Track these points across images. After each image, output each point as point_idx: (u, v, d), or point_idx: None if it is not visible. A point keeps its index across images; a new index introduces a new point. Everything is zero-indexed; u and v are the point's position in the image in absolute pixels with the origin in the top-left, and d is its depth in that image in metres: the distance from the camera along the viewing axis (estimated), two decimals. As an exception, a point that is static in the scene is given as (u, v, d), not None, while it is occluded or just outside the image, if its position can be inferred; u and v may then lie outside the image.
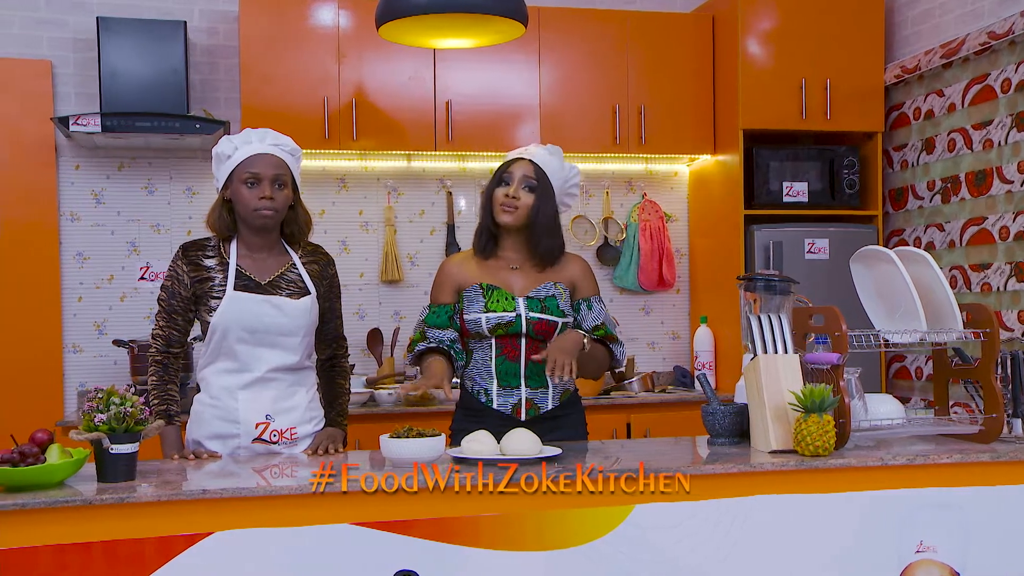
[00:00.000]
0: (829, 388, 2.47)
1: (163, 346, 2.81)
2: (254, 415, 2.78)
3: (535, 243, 2.96)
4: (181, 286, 2.80)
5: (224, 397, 2.79)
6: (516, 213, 2.93)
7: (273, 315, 2.77)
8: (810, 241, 4.68)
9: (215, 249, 2.83)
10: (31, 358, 4.48)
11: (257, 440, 2.80)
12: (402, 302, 4.87)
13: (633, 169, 5.12)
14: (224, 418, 2.78)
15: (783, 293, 2.77)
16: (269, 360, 2.79)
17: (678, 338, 5.18)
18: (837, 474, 2.48)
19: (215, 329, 2.76)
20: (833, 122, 4.73)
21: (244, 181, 2.76)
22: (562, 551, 2.33)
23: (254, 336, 2.77)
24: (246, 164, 2.77)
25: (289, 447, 2.83)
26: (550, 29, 4.69)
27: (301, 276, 2.86)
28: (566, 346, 2.81)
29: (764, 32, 4.69)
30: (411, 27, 3.18)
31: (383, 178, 4.87)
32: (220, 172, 2.82)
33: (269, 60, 4.41)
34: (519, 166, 2.96)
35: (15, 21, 4.52)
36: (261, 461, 2.68)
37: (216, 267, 2.80)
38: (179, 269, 2.80)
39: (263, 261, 2.83)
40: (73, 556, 2.14)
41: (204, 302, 2.78)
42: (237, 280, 2.78)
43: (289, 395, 2.83)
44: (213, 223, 2.84)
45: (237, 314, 2.75)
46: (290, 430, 2.83)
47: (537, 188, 2.94)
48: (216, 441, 2.79)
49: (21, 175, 4.48)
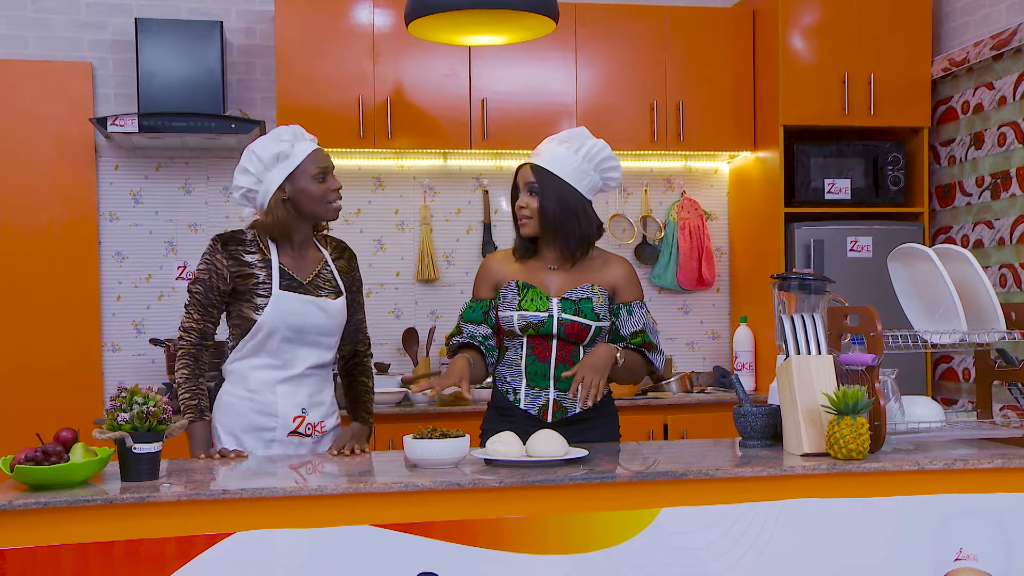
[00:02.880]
0: (863, 390, 2.40)
1: (197, 339, 2.80)
2: (291, 409, 2.82)
3: (556, 240, 2.91)
4: (220, 280, 2.79)
5: (263, 391, 2.81)
6: (531, 222, 2.89)
7: (318, 316, 2.82)
8: (852, 239, 4.58)
9: (255, 244, 2.83)
10: (71, 357, 4.53)
11: (293, 433, 2.83)
12: (438, 301, 4.86)
13: (672, 167, 5.05)
14: (261, 411, 2.81)
15: (818, 292, 2.70)
16: (307, 358, 2.84)
17: (718, 338, 5.10)
18: (871, 478, 2.40)
19: (261, 327, 2.78)
20: (877, 117, 4.62)
21: (314, 176, 2.78)
22: (586, 554, 2.29)
23: (298, 336, 2.80)
24: (312, 160, 2.79)
25: (318, 440, 2.88)
26: (586, 25, 4.65)
27: (334, 275, 2.90)
28: (596, 364, 2.77)
29: (806, 26, 4.59)
30: (440, 24, 3.16)
31: (419, 177, 4.86)
32: (277, 171, 2.77)
33: (304, 60, 4.41)
34: (521, 174, 2.93)
35: (57, 24, 4.57)
36: (284, 462, 2.67)
37: (258, 263, 2.81)
38: (218, 263, 2.79)
39: (302, 259, 2.86)
40: (95, 555, 2.15)
41: (248, 299, 2.79)
42: (281, 280, 2.80)
43: (320, 390, 2.89)
44: (273, 226, 2.79)
45: (284, 314, 2.78)
46: (320, 423, 2.88)
47: (538, 189, 2.88)
48: (252, 434, 2.81)
49: (62, 175, 4.54)
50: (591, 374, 2.73)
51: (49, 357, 4.49)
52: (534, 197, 2.88)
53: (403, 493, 2.26)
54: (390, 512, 2.25)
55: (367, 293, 4.79)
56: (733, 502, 2.33)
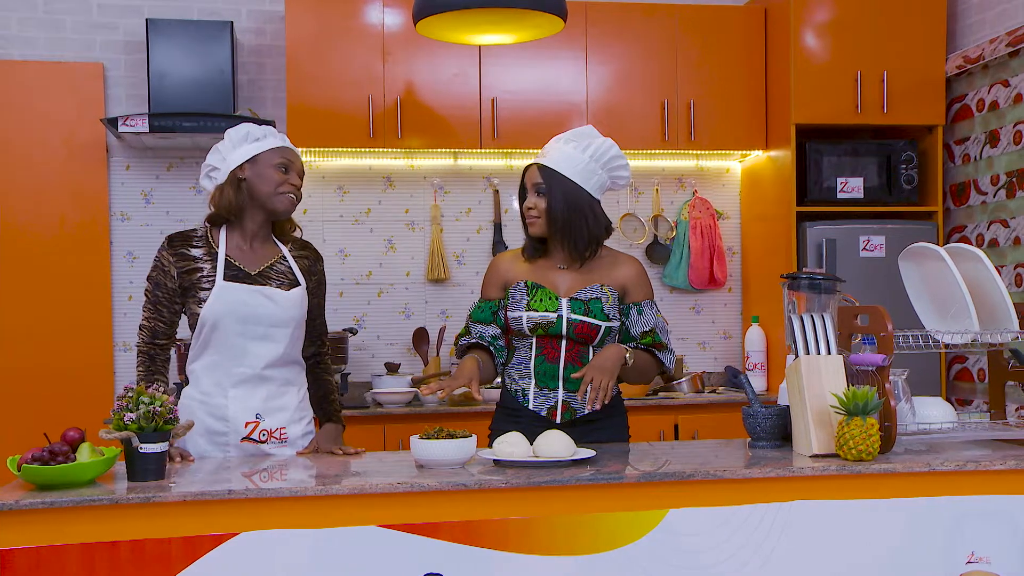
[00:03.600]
0: (873, 390, 2.38)
1: (148, 337, 2.76)
2: (243, 414, 2.74)
3: (564, 240, 2.89)
4: (167, 277, 2.75)
5: (214, 394, 2.74)
6: (539, 222, 2.87)
7: (265, 305, 2.73)
8: (865, 238, 4.55)
9: (202, 239, 2.79)
10: (83, 357, 4.55)
11: (246, 439, 2.75)
12: (448, 301, 4.85)
13: (684, 166, 5.03)
14: (213, 415, 2.74)
15: (828, 292, 2.68)
16: (261, 355, 2.75)
17: (729, 338, 5.07)
18: (881, 480, 2.38)
19: (205, 320, 2.71)
20: (890, 116, 4.59)
21: (276, 165, 2.76)
22: (593, 556, 2.27)
23: (246, 327, 2.72)
24: (279, 151, 2.78)
25: (279, 447, 2.79)
26: (597, 24, 4.63)
27: (291, 268, 2.84)
28: (605, 365, 2.75)
29: (818, 23, 4.56)
30: (449, 23, 3.15)
31: (429, 176, 4.85)
32: (242, 150, 2.76)
33: (314, 59, 4.41)
34: (528, 174, 2.90)
35: (69, 25, 4.59)
36: (279, 461, 2.65)
37: (203, 257, 2.76)
38: (165, 260, 2.75)
39: (253, 252, 2.80)
40: (101, 555, 2.15)
41: (192, 293, 2.74)
42: (227, 270, 2.74)
43: (280, 394, 2.79)
44: (227, 199, 2.76)
45: (228, 304, 2.70)
46: (280, 430, 2.79)
47: (545, 189, 2.86)
48: (206, 437, 2.74)
49: (74, 176, 4.55)
50: (600, 375, 2.71)
51: (61, 357, 4.51)
52: (541, 197, 2.86)
53: (409, 494, 2.25)
54: (396, 513, 2.24)
55: (378, 293, 4.81)
56: (742, 503, 2.31)
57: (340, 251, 4.79)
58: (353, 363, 4.66)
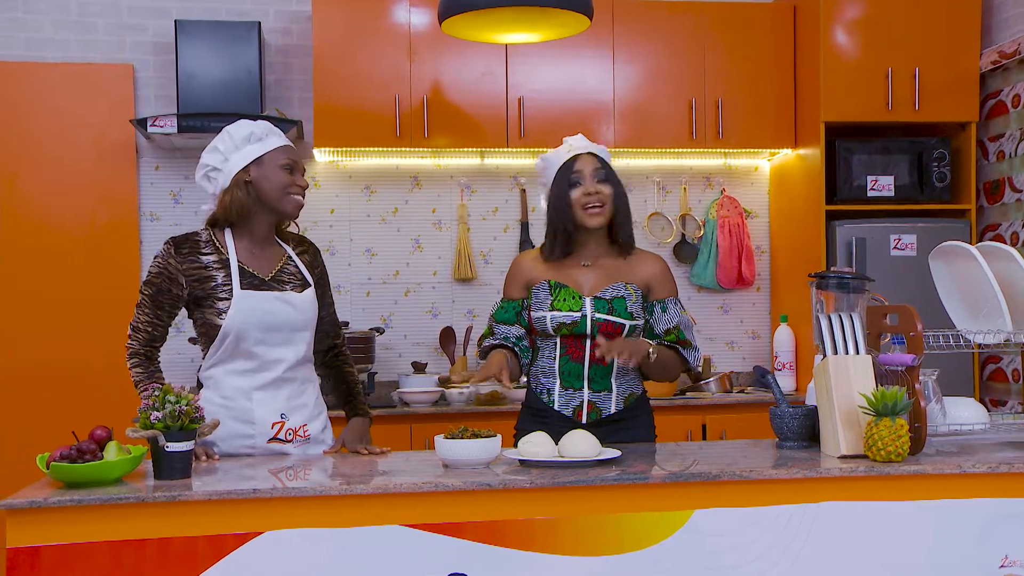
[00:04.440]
0: (902, 390, 2.35)
1: (145, 341, 2.71)
2: (270, 415, 2.72)
3: (618, 232, 2.89)
4: (173, 284, 2.68)
5: (238, 397, 2.71)
6: (604, 210, 2.85)
7: (286, 311, 2.71)
8: (896, 237, 4.49)
9: (210, 244, 2.72)
10: (112, 355, 4.55)
11: (273, 440, 2.73)
12: (475, 300, 4.84)
13: (712, 164, 4.99)
14: (238, 418, 2.71)
15: (857, 291, 2.64)
16: (284, 359, 2.72)
17: (758, 338, 5.03)
18: (910, 481, 2.34)
19: (228, 332, 2.66)
20: (922, 113, 4.53)
21: (282, 166, 2.71)
22: (619, 556, 2.26)
23: (269, 335, 2.69)
24: (284, 151, 2.74)
25: (302, 445, 2.78)
26: (624, 22, 4.61)
27: (299, 268, 2.81)
28: (631, 345, 2.75)
29: (848, 20, 4.52)
30: (473, 22, 3.13)
31: (456, 176, 4.85)
32: (246, 151, 2.69)
33: (341, 59, 4.42)
34: (584, 162, 2.87)
35: (100, 27, 4.63)
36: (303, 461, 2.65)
37: (215, 264, 2.70)
38: (171, 266, 2.68)
39: (262, 254, 2.76)
40: (128, 553, 2.16)
41: (209, 304, 2.68)
42: (242, 279, 2.70)
43: (300, 393, 2.78)
44: (230, 207, 2.69)
45: (250, 314, 2.67)
46: (302, 427, 2.77)
47: (609, 176, 2.87)
48: (229, 441, 2.71)
49: (104, 176, 4.59)
50: (623, 346, 2.71)
51: (91, 355, 4.54)
52: (605, 184, 2.85)
53: (433, 493, 2.25)
54: (420, 512, 2.24)
55: (405, 292, 4.81)
56: (769, 504, 2.29)
57: (367, 250, 4.80)
58: (380, 362, 4.67)
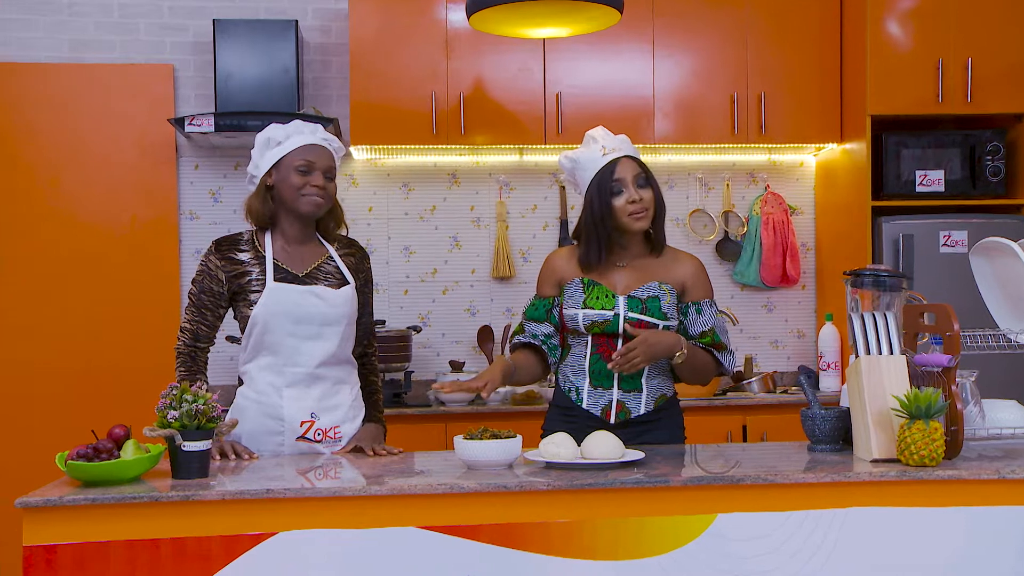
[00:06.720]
0: (937, 392, 2.26)
1: (190, 340, 2.78)
2: (299, 413, 2.75)
3: (656, 233, 2.87)
4: (213, 281, 2.77)
5: (269, 393, 2.75)
6: (647, 214, 2.81)
7: (316, 304, 2.74)
8: (946, 233, 4.36)
9: (249, 243, 2.81)
10: (152, 353, 4.61)
11: (301, 438, 2.76)
12: (513, 299, 4.80)
13: (755, 160, 4.89)
14: (269, 415, 2.75)
15: (893, 290, 2.55)
16: (314, 354, 2.75)
17: (803, 337, 4.92)
18: (944, 487, 2.25)
19: (256, 321, 2.73)
20: (974, 105, 4.39)
21: (297, 168, 2.75)
22: (638, 561, 2.21)
23: (299, 327, 2.73)
24: (301, 152, 2.76)
25: (332, 446, 2.79)
26: (664, 15, 4.53)
27: (339, 267, 2.84)
28: (654, 349, 2.70)
29: (898, 10, 4.39)
30: (502, 16, 3.09)
31: (495, 173, 4.81)
32: (267, 157, 2.79)
33: (378, 57, 4.41)
34: (623, 167, 2.81)
35: (141, 28, 4.67)
36: (318, 461, 2.64)
37: (252, 261, 2.77)
38: (211, 264, 2.78)
39: (299, 253, 2.81)
40: (143, 552, 2.16)
41: (243, 297, 2.76)
42: (275, 273, 2.76)
43: (334, 393, 2.80)
44: (255, 209, 2.80)
45: (279, 304, 2.72)
46: (334, 428, 2.79)
47: (649, 179, 2.83)
48: (260, 437, 2.74)
49: (145, 175, 4.63)
50: (642, 346, 2.67)
51: (131, 353, 4.58)
52: (647, 189, 2.82)
53: (449, 495, 2.21)
54: (436, 514, 2.21)
55: (443, 291, 4.79)
56: (795, 509, 2.22)
57: (405, 248, 4.79)
58: (417, 361, 4.65)
